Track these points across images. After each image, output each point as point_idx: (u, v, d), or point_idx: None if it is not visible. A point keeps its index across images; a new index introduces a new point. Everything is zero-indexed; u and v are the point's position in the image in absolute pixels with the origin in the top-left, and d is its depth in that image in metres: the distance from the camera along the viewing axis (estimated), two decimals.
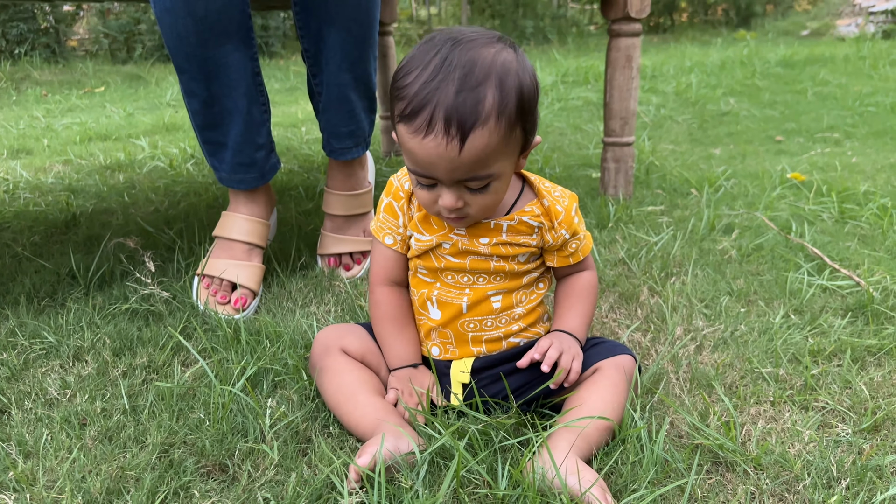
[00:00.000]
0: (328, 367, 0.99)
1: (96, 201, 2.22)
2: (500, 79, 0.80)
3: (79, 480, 0.85)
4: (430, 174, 0.85)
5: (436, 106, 0.79)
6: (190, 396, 1.03)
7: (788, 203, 2.02)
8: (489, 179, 0.85)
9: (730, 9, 11.58)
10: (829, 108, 3.96)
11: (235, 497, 0.83)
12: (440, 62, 0.80)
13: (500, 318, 0.98)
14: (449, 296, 0.97)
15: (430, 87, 0.79)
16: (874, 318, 1.27)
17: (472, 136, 0.79)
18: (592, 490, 0.77)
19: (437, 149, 0.80)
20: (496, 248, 0.95)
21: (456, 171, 0.83)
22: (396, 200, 1.00)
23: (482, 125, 0.79)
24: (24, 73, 6.22)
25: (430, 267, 0.98)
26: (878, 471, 0.86)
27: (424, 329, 1.01)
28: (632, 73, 1.93)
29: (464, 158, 0.81)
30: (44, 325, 1.26)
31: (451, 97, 0.78)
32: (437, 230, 0.96)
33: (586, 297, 1.02)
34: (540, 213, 0.96)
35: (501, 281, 0.97)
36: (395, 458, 0.83)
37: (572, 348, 0.94)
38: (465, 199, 0.87)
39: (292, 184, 2.39)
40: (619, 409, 0.91)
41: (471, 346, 0.99)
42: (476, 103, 0.79)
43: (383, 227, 1.01)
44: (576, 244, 1.00)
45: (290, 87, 5.90)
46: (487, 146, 0.81)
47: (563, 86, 4.92)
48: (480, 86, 0.79)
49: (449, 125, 0.79)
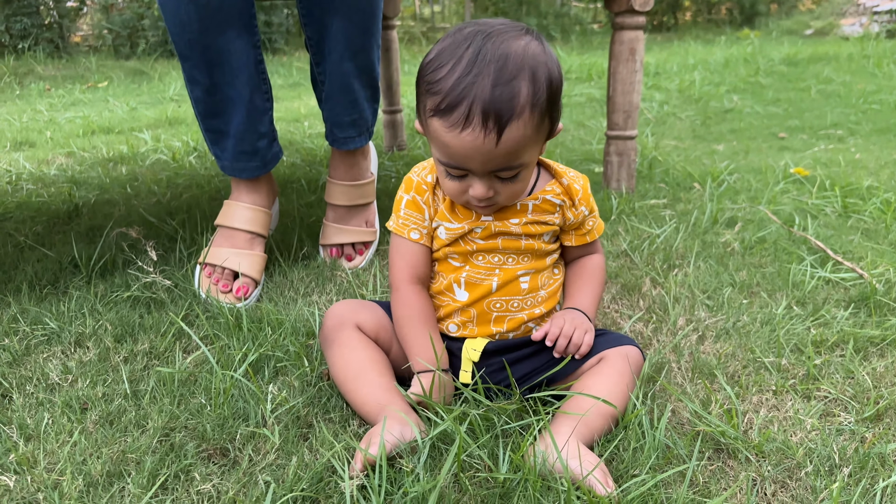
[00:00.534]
0: (341, 340, 0.99)
1: (99, 193, 2.22)
2: (533, 72, 0.82)
3: (79, 463, 0.85)
4: (464, 166, 0.86)
5: (473, 100, 0.80)
6: (191, 382, 1.03)
7: (791, 197, 2.02)
8: (520, 169, 0.87)
9: (734, 8, 11.55)
10: (833, 105, 3.95)
11: (236, 480, 0.83)
12: (473, 55, 0.81)
13: (525, 299, 0.99)
14: (478, 277, 0.98)
15: (467, 81, 0.80)
16: (877, 309, 1.26)
17: (509, 129, 0.81)
18: (593, 473, 0.77)
19: (474, 142, 0.82)
20: (526, 227, 0.97)
21: (490, 163, 0.85)
22: (420, 195, 0.99)
23: (518, 118, 0.81)
24: (27, 67, 6.22)
25: (461, 251, 0.98)
26: (880, 458, 0.86)
27: (447, 310, 1.00)
28: (635, 66, 1.93)
29: (500, 151, 0.83)
30: (46, 311, 1.26)
31: (488, 91, 0.80)
32: (465, 218, 0.97)
33: (597, 278, 1.05)
34: (560, 191, 0.99)
35: (530, 261, 0.99)
36: (399, 447, 0.83)
37: (584, 324, 0.96)
38: (496, 188, 0.89)
39: (294, 177, 2.39)
40: (622, 397, 0.91)
41: (492, 326, 0.99)
42: (512, 97, 0.80)
43: (407, 223, 1.00)
44: (592, 222, 1.04)
45: (293, 82, 5.90)
46: (523, 137, 0.83)
47: (566, 82, 4.91)
48: (515, 79, 0.81)
49: (487, 119, 0.80)
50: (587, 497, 0.74)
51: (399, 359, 1.02)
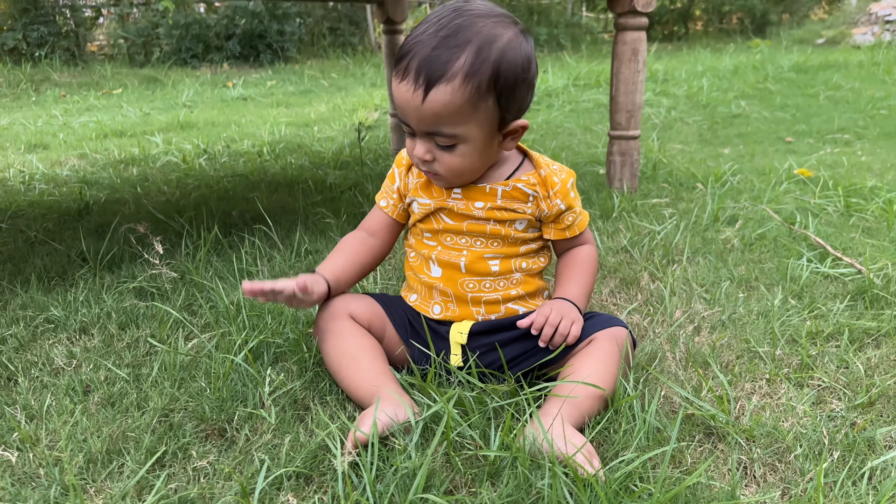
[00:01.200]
0: (333, 330, 1.01)
1: (109, 192, 2.25)
2: (480, 47, 0.86)
3: (80, 441, 0.87)
4: (404, 120, 0.92)
5: (413, 55, 0.87)
6: (192, 367, 1.05)
7: (794, 197, 2.02)
8: (454, 140, 0.91)
9: (745, 17, 11.54)
10: (841, 111, 3.94)
11: (233, 458, 0.84)
12: (436, 21, 0.88)
13: (498, 280, 1.01)
14: (448, 255, 1.01)
15: (416, 38, 0.88)
16: (874, 302, 1.27)
17: (436, 89, 0.86)
18: (580, 455, 0.77)
19: (405, 94, 0.88)
20: (491, 212, 0.99)
21: (422, 122, 0.90)
22: (398, 167, 1.07)
23: (447, 81, 0.86)
24: (43, 74, 6.32)
25: (432, 229, 1.03)
26: (870, 442, 0.86)
27: (426, 287, 1.04)
28: (638, 66, 1.94)
29: (426, 109, 0.87)
30: (53, 301, 1.29)
31: (428, 50, 0.86)
32: (435, 196, 1.01)
33: (585, 268, 1.05)
34: (536, 182, 1.00)
35: (499, 246, 1.01)
36: (392, 427, 0.84)
37: (571, 313, 0.97)
38: (435, 154, 0.93)
39: (302, 178, 2.42)
40: (611, 378, 0.92)
41: (470, 307, 1.01)
42: (447, 60, 0.85)
43: (382, 191, 1.09)
44: (572, 217, 1.03)
45: (305, 89, 5.96)
46: (450, 103, 0.87)
47: (574, 88, 4.93)
48: (458, 47, 0.86)
49: (419, 74, 0.86)
50: (574, 474, 0.76)
51: (392, 345, 1.04)
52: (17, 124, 4.02)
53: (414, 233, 1.06)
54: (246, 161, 2.78)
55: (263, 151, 2.95)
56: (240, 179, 2.43)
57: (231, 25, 7.77)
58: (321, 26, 8.78)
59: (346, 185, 2.23)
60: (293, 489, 0.79)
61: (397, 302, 1.08)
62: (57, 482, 0.80)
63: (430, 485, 0.77)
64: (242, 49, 7.79)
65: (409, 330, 1.05)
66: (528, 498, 0.75)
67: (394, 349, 1.03)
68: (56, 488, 0.79)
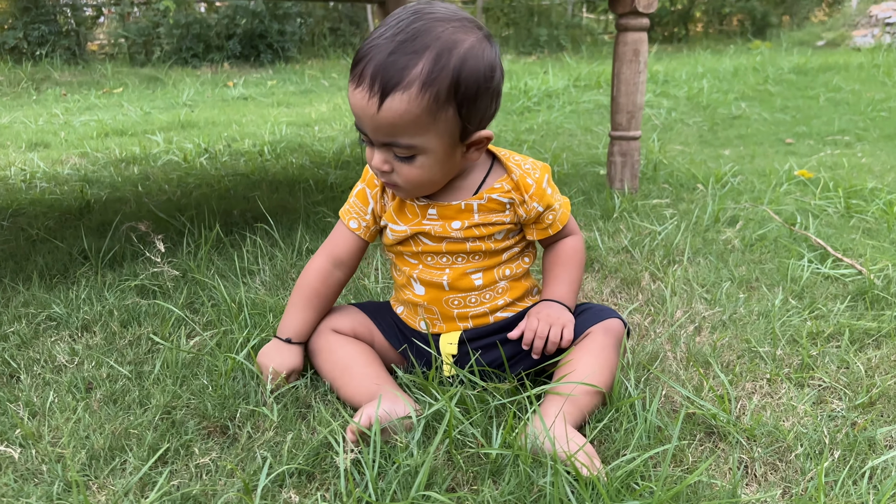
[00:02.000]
0: (321, 347, 1.01)
1: (110, 190, 2.26)
2: (439, 54, 0.81)
3: (83, 438, 0.87)
4: (361, 129, 0.87)
5: (369, 61, 0.81)
6: (194, 364, 1.05)
7: (794, 198, 2.02)
8: (412, 151, 0.85)
9: (745, 19, 11.54)
10: (842, 112, 3.95)
11: (235, 455, 0.85)
12: (395, 24, 0.83)
13: (483, 293, 0.98)
14: (430, 274, 0.98)
15: (373, 43, 0.82)
16: (875, 303, 1.27)
17: (391, 97, 0.81)
18: (580, 455, 0.77)
19: (360, 101, 0.83)
20: (469, 230, 0.95)
21: (378, 131, 0.85)
22: (370, 188, 1.00)
23: (403, 90, 0.80)
24: (44, 73, 6.32)
25: (410, 251, 0.99)
26: (870, 442, 0.87)
27: (411, 303, 1.02)
28: (639, 67, 1.95)
29: (381, 118, 0.82)
30: (55, 298, 1.29)
31: (384, 56, 0.81)
32: (410, 219, 0.97)
33: (572, 262, 1.02)
34: (510, 188, 0.95)
35: (480, 260, 0.97)
36: (391, 421, 0.84)
37: (561, 317, 0.95)
38: (393, 165, 0.88)
39: (303, 177, 2.42)
40: (609, 372, 0.92)
41: (457, 322, 0.99)
42: (403, 67, 0.80)
43: (351, 210, 1.01)
44: (552, 216, 0.99)
45: (305, 89, 5.96)
46: (406, 112, 0.81)
47: (575, 89, 4.93)
48: (416, 53, 0.80)
49: (374, 81, 0.81)
50: (576, 472, 0.76)
51: (382, 352, 1.04)
52: (18, 123, 4.03)
53: (391, 251, 1.02)
54: (247, 160, 2.79)
55: (264, 151, 2.95)
56: (241, 178, 2.43)
57: (232, 25, 7.77)
58: (322, 26, 8.79)
59: (346, 184, 2.23)
60: (295, 486, 0.79)
61: (386, 309, 1.07)
62: (59, 478, 0.80)
63: (432, 482, 0.77)
64: (243, 49, 7.80)
65: (399, 337, 1.04)
66: (530, 496, 0.75)
67: (384, 357, 1.03)
68: (59, 484, 0.79)
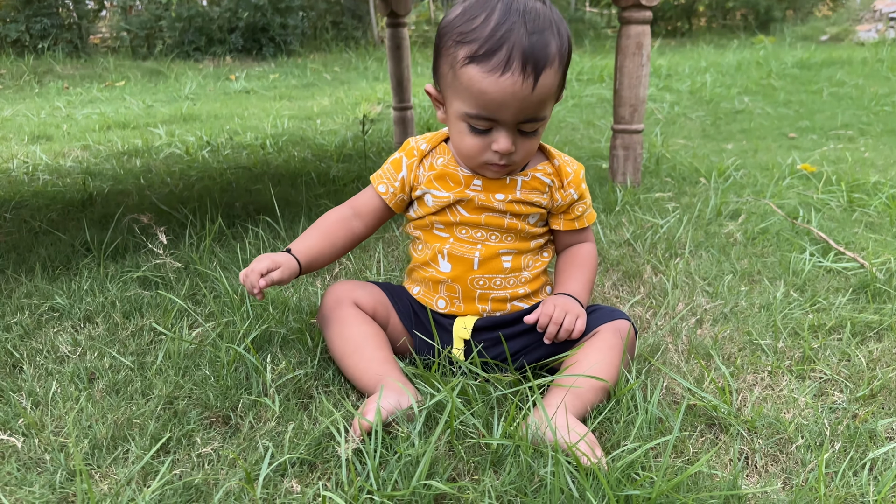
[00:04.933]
0: (338, 317, 1.01)
1: (113, 183, 2.26)
2: (557, 27, 0.88)
3: (85, 427, 0.88)
4: (495, 115, 0.88)
5: (513, 46, 0.84)
6: (196, 355, 1.06)
7: (797, 192, 2.02)
8: (543, 122, 0.92)
9: (749, 14, 11.50)
10: (845, 107, 3.94)
11: (237, 445, 0.85)
12: (505, 7, 0.86)
13: (508, 278, 1.00)
14: (461, 250, 1.00)
15: (505, 28, 0.85)
16: (877, 296, 1.27)
17: (544, 75, 0.86)
18: (582, 444, 0.78)
19: (512, 86, 0.85)
20: (510, 205, 0.98)
21: (522, 112, 0.88)
22: (408, 157, 1.02)
23: (550, 66, 0.86)
24: (46, 66, 6.32)
25: (446, 221, 1.00)
26: (871, 434, 0.87)
27: (432, 281, 1.03)
28: (641, 60, 1.94)
29: (534, 98, 0.87)
30: (58, 289, 1.29)
31: (526, 38, 0.84)
32: (453, 187, 0.99)
33: (586, 265, 1.05)
34: (551, 171, 1.01)
35: (513, 241, 1.00)
36: (395, 414, 0.85)
37: (575, 308, 0.96)
38: (516, 143, 0.92)
39: (305, 170, 2.42)
40: (614, 371, 0.92)
41: (477, 304, 1.01)
42: (545, 45, 0.86)
43: (382, 175, 1.04)
44: (582, 208, 1.03)
45: (308, 83, 5.96)
46: (552, 87, 0.88)
47: (578, 83, 4.92)
48: (545, 31, 0.86)
49: (526, 64, 0.84)
50: (577, 462, 0.76)
51: (396, 334, 1.04)
52: (21, 116, 4.03)
53: (420, 225, 1.04)
54: (249, 153, 2.79)
55: (266, 144, 2.95)
56: (243, 171, 2.43)
57: (234, 18, 7.76)
58: (324, 20, 8.77)
59: (349, 177, 2.23)
60: (297, 475, 0.79)
61: (401, 291, 1.08)
62: (62, 467, 0.80)
63: (434, 472, 0.77)
64: (245, 42, 7.78)
65: (413, 319, 1.05)
66: (531, 485, 0.75)
67: (398, 338, 1.04)
68: (61, 473, 0.79)
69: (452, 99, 0.92)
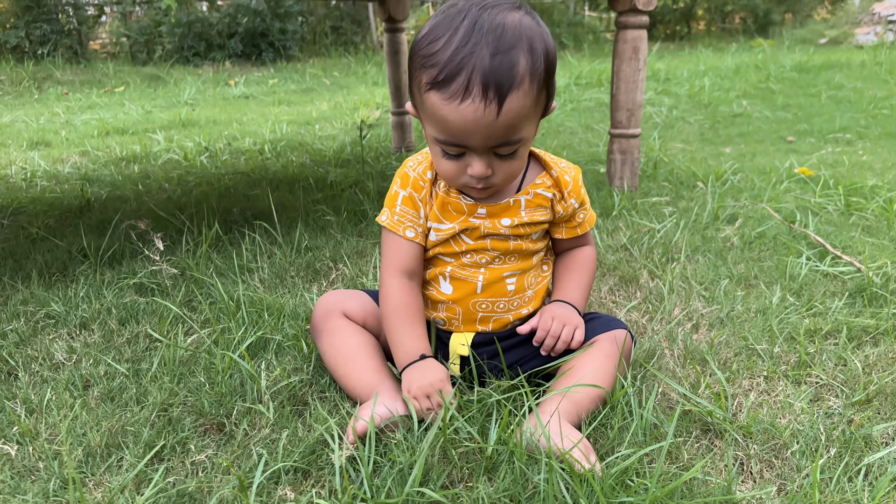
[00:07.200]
0: (329, 329, 1.00)
1: (110, 189, 2.26)
2: (531, 42, 0.80)
3: (79, 435, 0.88)
4: (463, 142, 0.83)
5: (473, 70, 0.77)
6: (191, 362, 1.06)
7: (794, 196, 2.02)
8: (518, 144, 0.85)
9: (747, 17, 11.51)
10: (843, 110, 3.94)
11: (231, 452, 0.85)
12: (470, 26, 0.79)
13: (512, 300, 0.98)
14: (464, 273, 0.97)
15: (465, 51, 0.78)
16: (873, 300, 1.27)
17: (510, 99, 0.79)
18: (575, 451, 0.77)
19: (474, 114, 0.79)
20: (516, 229, 0.95)
21: (491, 137, 0.82)
22: (417, 192, 0.96)
23: (518, 88, 0.79)
24: (46, 72, 6.33)
25: (451, 252, 0.97)
26: (867, 439, 0.87)
27: (431, 300, 1.00)
28: (638, 64, 1.94)
29: (500, 123, 0.80)
30: (54, 296, 1.29)
31: (487, 60, 0.77)
32: (456, 217, 0.95)
33: (586, 270, 1.04)
34: (551, 183, 0.97)
35: (516, 261, 0.97)
36: (391, 419, 0.85)
37: (573, 318, 0.95)
38: (493, 167, 0.86)
39: (303, 175, 2.42)
40: (610, 379, 0.92)
41: (477, 325, 0.99)
42: (511, 66, 0.78)
43: (403, 220, 0.96)
44: (583, 214, 1.01)
45: (306, 87, 5.96)
46: (522, 109, 0.81)
47: (576, 87, 4.93)
48: (513, 49, 0.79)
49: (487, 89, 0.78)
50: (570, 469, 0.76)
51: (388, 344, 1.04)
52: (20, 122, 4.03)
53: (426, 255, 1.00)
54: (247, 159, 2.79)
55: (265, 149, 2.95)
56: (241, 177, 2.43)
57: (233, 24, 7.77)
58: (323, 25, 8.78)
59: (346, 182, 2.23)
60: (291, 483, 0.79)
61: None
62: (56, 475, 0.80)
63: (427, 479, 0.77)
64: (244, 47, 7.79)
65: None
66: (525, 492, 0.75)
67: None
68: (55, 481, 0.79)
69: (424, 122, 0.87)
